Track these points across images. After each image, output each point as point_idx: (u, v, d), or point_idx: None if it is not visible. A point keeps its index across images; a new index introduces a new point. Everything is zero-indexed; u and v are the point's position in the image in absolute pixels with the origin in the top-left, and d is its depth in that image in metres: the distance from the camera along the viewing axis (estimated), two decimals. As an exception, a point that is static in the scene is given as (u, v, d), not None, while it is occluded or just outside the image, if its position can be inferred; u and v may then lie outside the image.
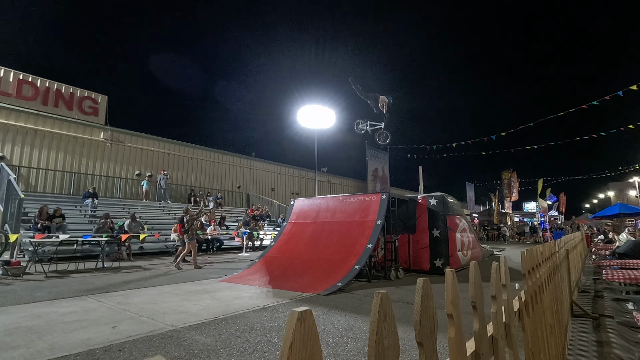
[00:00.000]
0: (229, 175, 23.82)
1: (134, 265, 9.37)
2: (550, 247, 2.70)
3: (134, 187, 18.41)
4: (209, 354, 2.95)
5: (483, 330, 0.92)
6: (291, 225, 9.00)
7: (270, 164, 27.06)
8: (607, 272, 3.94)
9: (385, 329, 0.54)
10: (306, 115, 21.17)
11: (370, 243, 6.93)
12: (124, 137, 18.56)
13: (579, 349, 3.24)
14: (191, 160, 21.67)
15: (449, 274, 0.78)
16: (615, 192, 57.60)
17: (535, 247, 1.97)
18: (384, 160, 32.68)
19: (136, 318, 4.05)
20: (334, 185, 31.87)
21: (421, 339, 0.63)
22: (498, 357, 1.05)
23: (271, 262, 7.77)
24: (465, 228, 10.19)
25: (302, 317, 0.40)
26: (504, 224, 29.55)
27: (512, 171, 35.54)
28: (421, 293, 0.66)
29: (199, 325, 3.79)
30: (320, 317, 4.14)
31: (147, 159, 19.48)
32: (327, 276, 6.35)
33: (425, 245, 8.67)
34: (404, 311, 4.50)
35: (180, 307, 4.59)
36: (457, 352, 0.76)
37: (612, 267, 4.46)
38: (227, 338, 3.36)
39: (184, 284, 6.45)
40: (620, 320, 4.35)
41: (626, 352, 3.22)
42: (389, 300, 0.56)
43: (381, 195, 7.92)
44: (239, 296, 5.37)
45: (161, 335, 3.43)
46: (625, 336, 3.76)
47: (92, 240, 9.29)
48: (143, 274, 7.74)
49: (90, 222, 12.65)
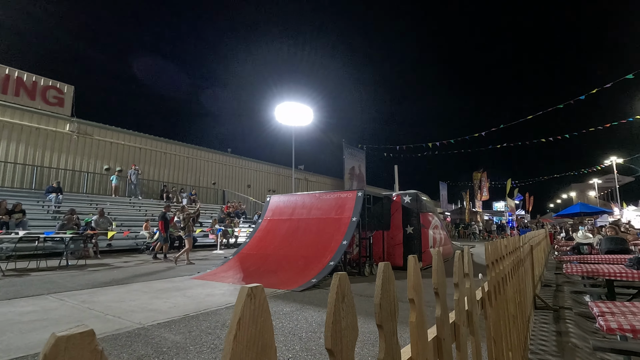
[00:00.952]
0: (204, 171, 23.31)
1: (101, 263, 9.00)
2: (514, 241, 2.81)
3: (103, 182, 17.66)
4: (177, 351, 2.88)
5: (445, 316, 0.94)
6: (267, 222, 8.93)
7: (246, 160, 26.70)
8: (567, 266, 4.16)
9: (343, 310, 0.54)
10: (284, 112, 21.01)
11: (345, 240, 6.98)
12: (92, 130, 17.75)
13: (540, 338, 3.40)
14: (164, 155, 21.04)
15: (411, 260, 0.79)
16: (576, 192, 60.93)
17: (500, 240, 2.05)
18: (361, 159, 33.07)
19: (101, 317, 3.90)
20: (311, 183, 31.88)
21: (381, 321, 0.64)
22: (460, 343, 1.08)
23: (246, 259, 7.68)
24: (438, 225, 10.47)
25: (253, 293, 0.39)
26: (475, 222, 30.58)
27: (482, 171, 36.80)
28: (382, 276, 0.66)
29: (169, 322, 3.69)
30: (294, 313, 4.13)
31: (117, 153, 18.73)
32: (302, 273, 6.34)
33: (399, 241, 8.84)
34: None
35: (149, 305, 4.45)
36: (417, 337, 0.77)
37: (572, 262, 4.72)
38: (197, 335, 3.29)
39: (154, 282, 6.26)
40: (577, 311, 4.61)
41: (582, 340, 3.41)
42: (348, 281, 0.56)
43: (357, 192, 7.99)
44: (211, 293, 5.27)
45: (128, 333, 3.32)
46: (582, 326, 3.99)
47: (56, 237, 8.83)
48: (111, 272, 7.45)
49: (54, 218, 12.03)
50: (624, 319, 1.98)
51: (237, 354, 0.36)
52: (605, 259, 5.29)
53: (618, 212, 25.94)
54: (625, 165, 35.18)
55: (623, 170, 40.61)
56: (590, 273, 3.87)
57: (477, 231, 28.50)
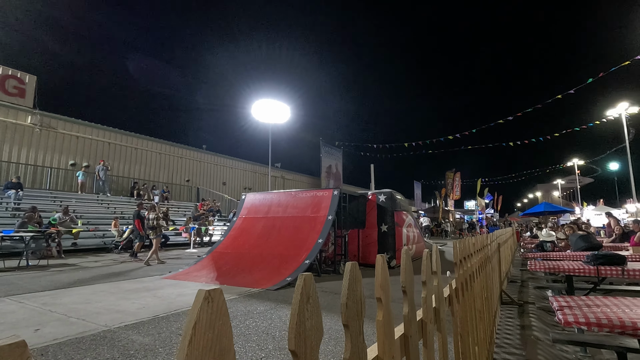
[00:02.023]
0: (177, 168, 22.68)
1: (65, 263, 8.57)
2: (482, 239, 2.91)
3: (68, 178, 16.81)
4: (146, 353, 2.79)
5: (412, 314, 0.95)
6: (242, 220, 8.81)
7: (222, 157, 26.20)
8: (531, 263, 4.37)
9: (308, 311, 0.54)
10: (261, 109, 20.76)
11: (321, 238, 7.00)
12: (56, 123, 16.83)
13: (506, 332, 3.55)
14: (135, 150, 20.28)
15: (379, 259, 0.80)
16: (542, 192, 64.15)
17: (468, 238, 2.11)
18: (337, 157, 33.25)
19: (64, 319, 3.71)
20: (287, 181, 31.73)
21: (347, 320, 0.64)
22: (427, 340, 1.10)
23: (220, 257, 7.54)
24: (411, 224, 10.70)
25: (210, 296, 0.38)
26: (447, 221, 31.52)
27: (455, 171, 37.94)
28: (349, 276, 0.66)
29: (137, 324, 3.57)
30: (268, 312, 4.10)
31: (84, 147, 17.88)
32: (277, 271, 6.31)
33: (374, 240, 8.96)
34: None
35: (116, 307, 4.28)
36: (384, 335, 0.78)
37: (536, 259, 4.96)
38: (167, 337, 3.20)
39: (122, 282, 6.03)
40: (540, 305, 4.86)
41: (543, 333, 3.59)
42: (313, 282, 0.56)
43: (333, 191, 8.02)
44: (183, 293, 5.14)
45: (92, 336, 3.18)
46: (544, 320, 4.20)
47: (15, 236, 8.32)
48: (75, 273, 7.11)
49: (13, 215, 11.33)
50: (580, 313, 2.09)
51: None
52: (567, 255, 5.58)
53: (579, 212, 27.51)
54: (586, 167, 37.38)
55: (585, 171, 43.12)
56: (551, 269, 4.07)
57: (449, 229, 29.39)
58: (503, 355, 2.89)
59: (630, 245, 7.04)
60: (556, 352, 3.16)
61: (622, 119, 19.12)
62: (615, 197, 50.24)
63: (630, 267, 3.55)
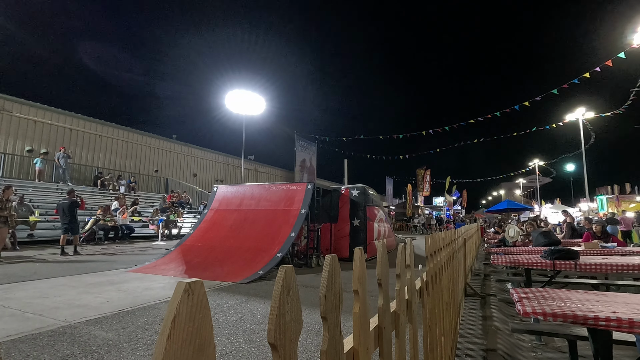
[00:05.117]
0: (145, 158, 21.81)
1: (20, 256, 8.06)
2: (451, 234, 3.02)
3: (24, 165, 15.75)
4: (109, 349, 2.68)
5: (387, 306, 0.97)
6: (213, 212, 8.63)
7: (193, 148, 25.47)
8: (493, 257, 4.58)
9: (288, 303, 0.53)
10: (235, 100, 20.30)
11: (293, 231, 6.99)
12: (10, 106, 15.67)
13: (469, 323, 3.72)
14: (99, 138, 19.28)
15: (357, 252, 0.80)
16: (505, 190, 67.40)
17: (439, 233, 2.18)
18: (312, 151, 33.20)
19: (19, 315, 3.49)
20: (261, 174, 31.39)
21: (325, 313, 0.64)
22: (399, 331, 1.13)
23: (189, 250, 7.36)
24: (383, 218, 10.92)
25: (191, 289, 0.36)
26: (418, 216, 32.43)
27: (425, 169, 39.00)
28: (328, 269, 0.66)
29: (100, 319, 3.42)
30: (238, 305, 4.06)
31: (43, 133, 16.78)
32: (248, 265, 6.24)
33: (346, 234, 9.07)
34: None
35: (77, 301, 4.08)
36: (360, 327, 0.79)
37: (499, 254, 5.21)
38: (132, 331, 3.09)
39: (84, 276, 5.75)
40: (501, 297, 5.12)
41: (503, 323, 3.80)
42: (294, 274, 0.55)
43: (307, 185, 8.02)
44: (149, 287, 4.98)
45: (51, 332, 3.01)
46: (504, 311, 4.44)
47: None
48: (32, 265, 6.70)
49: (-40, 204, 10.47)
50: (537, 304, 2.23)
51: (171, 354, 0.33)
52: (526, 250, 5.91)
53: (538, 209, 29.17)
54: (545, 168, 39.68)
55: (545, 172, 45.71)
56: (512, 263, 4.29)
57: (419, 224, 30.29)
58: (466, 344, 3.03)
59: (582, 241, 7.56)
60: (514, 340, 3.35)
61: (579, 122, 20.41)
62: (570, 196, 53.73)
63: (582, 262, 3.81)
